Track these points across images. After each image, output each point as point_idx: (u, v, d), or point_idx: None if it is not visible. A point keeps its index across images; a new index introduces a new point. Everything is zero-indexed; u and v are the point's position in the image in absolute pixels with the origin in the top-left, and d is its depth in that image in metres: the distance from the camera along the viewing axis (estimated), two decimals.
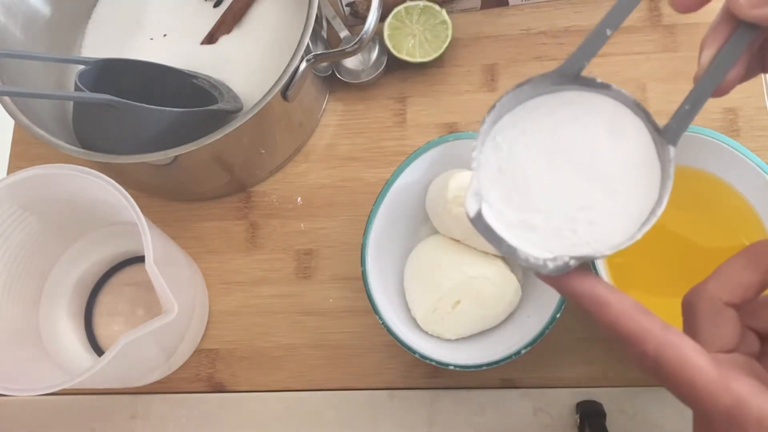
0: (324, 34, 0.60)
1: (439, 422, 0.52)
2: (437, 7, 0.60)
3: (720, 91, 0.30)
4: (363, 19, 0.53)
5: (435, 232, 0.53)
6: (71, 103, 0.56)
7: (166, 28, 0.62)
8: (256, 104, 0.50)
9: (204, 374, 0.56)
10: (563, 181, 0.29)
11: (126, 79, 0.54)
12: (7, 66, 0.53)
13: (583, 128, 0.29)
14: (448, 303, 0.49)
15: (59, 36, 0.61)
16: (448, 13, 0.60)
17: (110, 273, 0.58)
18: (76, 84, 0.50)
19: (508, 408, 0.52)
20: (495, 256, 0.51)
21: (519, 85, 0.28)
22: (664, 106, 0.58)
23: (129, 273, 0.58)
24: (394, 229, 0.52)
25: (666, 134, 0.28)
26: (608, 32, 0.29)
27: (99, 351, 0.56)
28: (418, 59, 0.60)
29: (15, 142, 0.65)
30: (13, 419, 0.55)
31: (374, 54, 0.62)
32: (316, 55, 0.52)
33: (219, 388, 0.55)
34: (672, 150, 0.28)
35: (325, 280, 0.57)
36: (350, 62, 0.62)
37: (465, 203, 0.28)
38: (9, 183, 0.46)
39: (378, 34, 0.60)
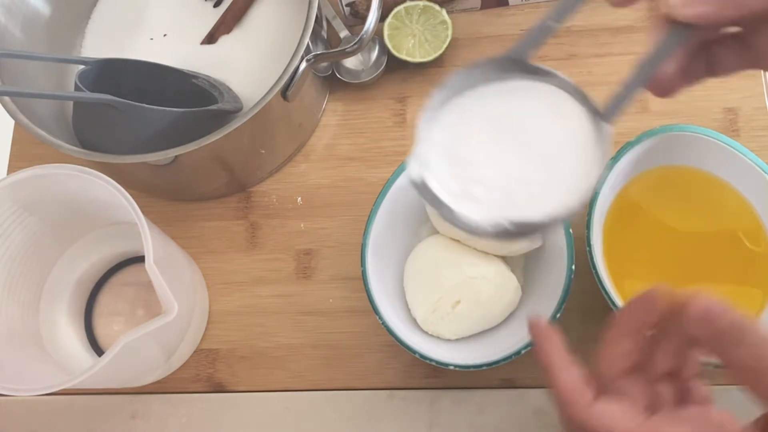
0: (324, 34, 0.60)
1: (439, 422, 0.52)
2: (437, 7, 0.60)
3: (662, 91, 0.32)
4: (363, 19, 0.53)
5: (435, 232, 0.53)
6: (71, 103, 0.56)
7: (166, 28, 0.62)
8: (256, 104, 0.50)
9: (204, 374, 0.56)
10: (505, 157, 0.31)
11: (126, 79, 0.54)
12: (7, 66, 0.53)
13: (527, 111, 0.31)
14: (448, 303, 0.49)
15: (59, 36, 0.61)
16: (448, 13, 0.60)
17: (110, 273, 0.58)
18: (76, 84, 0.50)
19: (508, 408, 0.52)
20: (495, 256, 0.51)
21: (468, 68, 0.30)
22: (665, 105, 0.58)
23: (129, 273, 0.58)
24: (394, 230, 0.52)
25: (603, 116, 0.31)
26: (553, 24, 0.31)
27: (99, 351, 0.56)
28: (418, 59, 0.60)
29: (15, 142, 0.65)
30: (13, 419, 0.55)
31: (374, 54, 0.62)
32: (316, 55, 0.52)
33: (219, 388, 0.55)
34: (607, 127, 0.30)
35: (325, 280, 0.57)
36: (350, 62, 0.62)
37: (409, 169, 0.31)
38: (9, 183, 0.46)
39: (378, 34, 0.60)
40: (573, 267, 0.47)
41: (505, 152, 0.31)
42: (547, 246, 0.51)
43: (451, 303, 0.49)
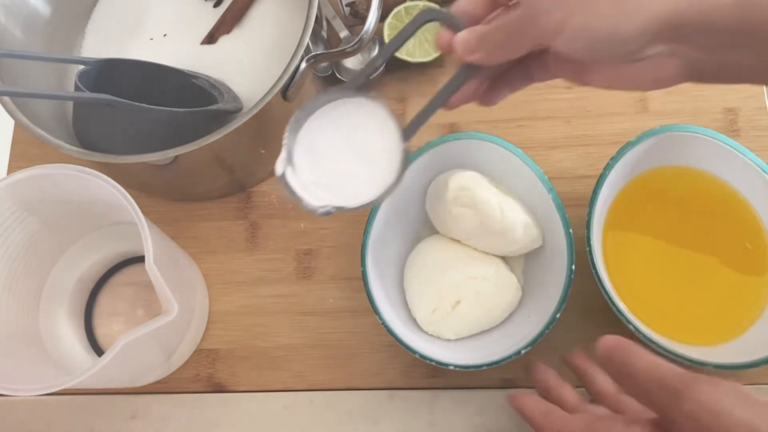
0: (324, 34, 0.60)
1: (439, 422, 0.52)
2: (437, 8, 0.60)
3: (484, 102, 0.42)
4: (363, 19, 0.53)
5: (435, 232, 0.53)
6: (71, 103, 0.56)
7: (166, 28, 0.62)
8: (256, 104, 0.50)
9: (204, 374, 0.56)
10: (345, 159, 0.42)
11: (126, 79, 0.54)
12: (7, 66, 0.53)
13: (361, 125, 0.43)
14: (448, 303, 0.49)
15: (59, 36, 0.61)
16: None
17: (110, 273, 0.58)
18: (76, 84, 0.50)
19: (508, 408, 0.52)
20: (495, 256, 0.51)
21: (323, 93, 0.41)
22: (665, 105, 0.58)
23: (129, 273, 0.58)
24: (394, 230, 0.52)
25: (405, 133, 0.41)
26: (381, 61, 0.43)
27: (99, 351, 0.56)
28: (418, 59, 0.60)
29: (15, 142, 0.65)
30: (13, 419, 0.55)
31: (374, 54, 0.62)
32: (316, 55, 0.52)
33: (219, 388, 0.55)
34: (405, 144, 0.41)
35: (325, 280, 0.57)
36: (350, 62, 0.62)
37: (276, 166, 0.41)
38: (9, 183, 0.46)
39: (378, 34, 0.60)
40: (573, 267, 0.47)
41: (346, 155, 0.43)
42: (548, 246, 0.51)
43: (452, 303, 0.49)
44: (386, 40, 0.60)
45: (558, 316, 0.46)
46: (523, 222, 0.49)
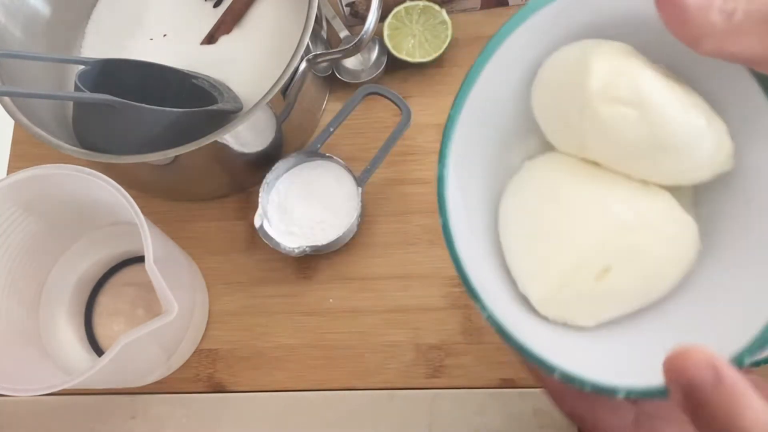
0: (324, 34, 0.60)
1: (439, 422, 0.52)
2: (437, 7, 0.60)
3: None
4: (363, 19, 0.53)
5: (549, 148, 0.33)
6: (71, 103, 0.56)
7: (166, 29, 0.62)
8: (256, 104, 0.50)
9: (204, 374, 0.56)
10: (311, 209, 0.55)
11: (126, 80, 0.54)
12: (7, 66, 0.53)
13: (323, 180, 0.56)
14: (588, 273, 0.30)
15: (59, 36, 0.61)
16: (448, 13, 0.60)
17: (110, 273, 0.58)
18: (76, 84, 0.50)
19: (508, 408, 0.52)
20: (658, 187, 0.31)
21: (285, 160, 0.55)
22: None
23: (129, 273, 0.58)
24: (482, 145, 0.32)
25: (359, 181, 0.54)
26: (331, 129, 0.56)
27: (99, 351, 0.56)
28: (418, 59, 0.60)
29: (15, 142, 0.65)
30: (13, 419, 0.55)
31: (374, 54, 0.62)
32: (316, 55, 0.52)
33: (219, 388, 0.55)
34: (360, 189, 0.54)
35: (325, 280, 0.57)
36: (350, 62, 0.62)
37: (254, 220, 0.54)
38: (9, 183, 0.46)
39: (378, 34, 0.60)
40: None
41: (312, 205, 0.55)
42: (743, 170, 0.30)
43: (596, 271, 0.30)
44: (386, 40, 0.60)
45: None
46: (715, 128, 0.29)
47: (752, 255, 0.29)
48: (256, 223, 0.53)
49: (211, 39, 0.61)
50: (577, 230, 0.30)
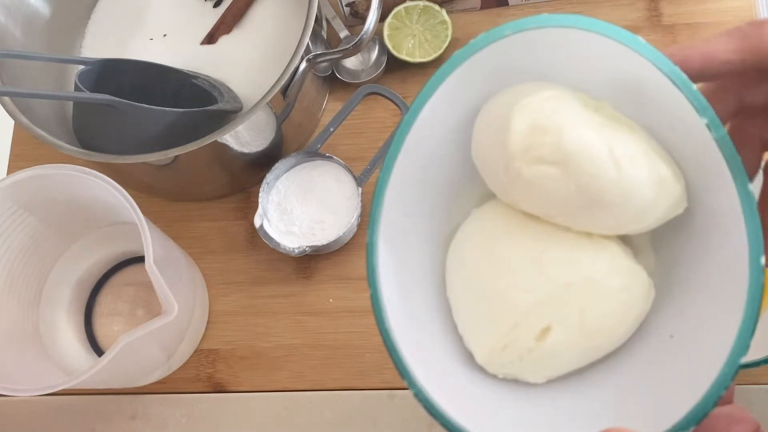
0: (324, 34, 0.60)
1: None
2: (437, 7, 0.60)
3: None
4: (363, 19, 0.53)
5: (490, 196, 0.31)
6: (71, 103, 0.56)
7: (166, 28, 0.62)
8: (256, 104, 0.50)
9: (204, 374, 0.56)
10: (311, 209, 0.55)
11: (126, 79, 0.54)
12: (7, 66, 0.53)
13: (323, 180, 0.56)
14: (528, 333, 0.29)
15: (59, 36, 0.61)
16: (448, 13, 0.60)
17: (110, 273, 0.58)
18: (76, 84, 0.50)
19: None
20: (603, 237, 0.29)
21: (286, 159, 0.55)
22: None
23: (129, 273, 0.58)
24: (421, 201, 0.31)
25: (358, 180, 0.54)
26: (331, 129, 0.56)
27: (99, 351, 0.56)
28: (418, 59, 0.60)
29: (15, 142, 0.65)
30: (13, 419, 0.55)
31: (374, 54, 0.62)
32: (316, 55, 0.52)
33: (219, 388, 0.55)
34: (360, 189, 0.54)
35: (325, 280, 0.57)
36: (350, 62, 0.62)
37: (254, 220, 0.53)
38: (9, 183, 0.46)
39: (378, 34, 0.60)
40: (762, 246, 0.25)
41: (311, 205, 0.55)
42: (699, 210, 0.29)
43: (535, 332, 0.29)
44: (386, 40, 0.60)
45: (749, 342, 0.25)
46: (657, 176, 0.27)
47: (705, 302, 0.27)
48: (256, 223, 0.53)
49: (211, 39, 0.61)
50: (513, 290, 0.29)
